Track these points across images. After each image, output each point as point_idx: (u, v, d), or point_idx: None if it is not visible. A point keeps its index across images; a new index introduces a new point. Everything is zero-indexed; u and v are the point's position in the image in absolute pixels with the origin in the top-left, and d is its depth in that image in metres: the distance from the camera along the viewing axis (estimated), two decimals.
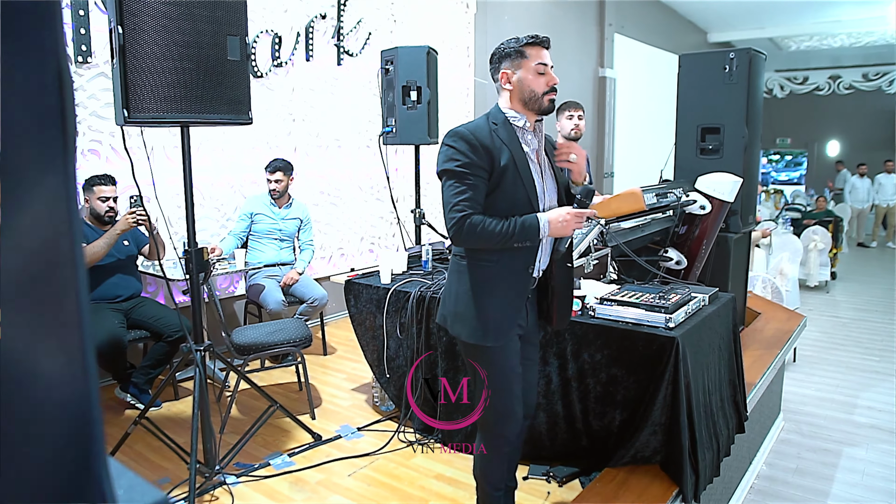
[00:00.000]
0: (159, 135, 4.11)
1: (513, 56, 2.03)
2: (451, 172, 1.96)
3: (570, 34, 8.41)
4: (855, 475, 3.80)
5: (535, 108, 2.04)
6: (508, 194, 1.98)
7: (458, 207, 1.93)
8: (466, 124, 2.03)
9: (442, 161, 1.99)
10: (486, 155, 1.95)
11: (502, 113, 2.05)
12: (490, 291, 2.03)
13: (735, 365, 2.96)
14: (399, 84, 3.79)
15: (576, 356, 2.62)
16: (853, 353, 6.05)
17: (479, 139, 1.96)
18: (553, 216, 1.97)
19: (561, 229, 1.98)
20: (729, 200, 3.39)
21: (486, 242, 1.96)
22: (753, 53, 3.87)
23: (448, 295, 2.15)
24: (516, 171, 1.98)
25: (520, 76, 2.02)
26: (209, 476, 2.72)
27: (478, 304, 2.03)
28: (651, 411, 2.42)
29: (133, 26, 2.31)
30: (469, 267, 2.05)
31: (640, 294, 2.64)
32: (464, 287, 2.06)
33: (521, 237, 1.95)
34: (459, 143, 1.96)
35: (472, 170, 1.94)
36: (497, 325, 2.03)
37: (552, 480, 2.73)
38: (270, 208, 4.33)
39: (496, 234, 1.93)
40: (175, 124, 2.52)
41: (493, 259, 2.02)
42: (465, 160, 1.94)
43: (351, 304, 3.41)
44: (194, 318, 2.73)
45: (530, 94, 2.02)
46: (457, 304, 2.08)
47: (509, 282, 2.04)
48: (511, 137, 2.01)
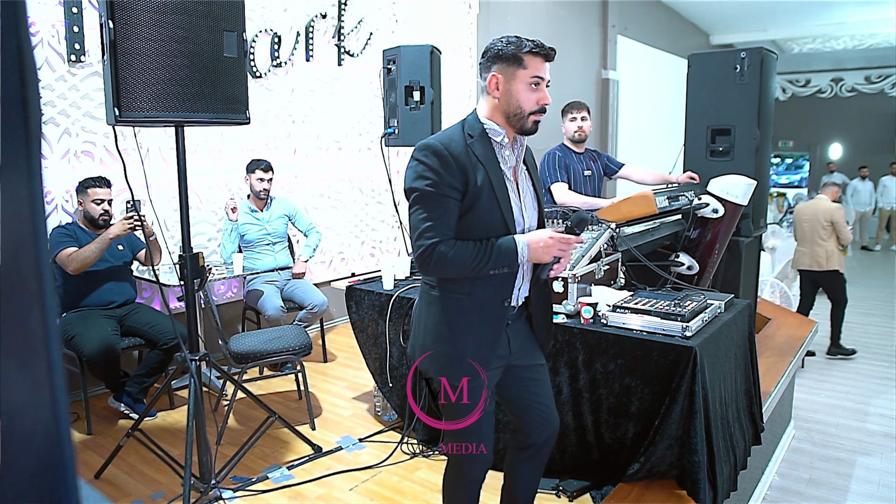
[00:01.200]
0: (155, 136, 4.01)
1: (508, 60, 1.78)
2: (419, 194, 1.74)
3: (573, 36, 8.32)
4: (870, 486, 3.70)
5: (516, 125, 1.82)
6: (483, 217, 1.77)
7: (428, 234, 1.72)
8: (439, 135, 1.80)
9: (410, 178, 1.77)
10: (460, 172, 1.73)
11: (480, 123, 1.82)
12: (462, 326, 1.83)
13: (752, 375, 2.85)
14: (402, 84, 3.68)
15: (588, 366, 2.52)
16: (862, 358, 5.94)
17: (452, 154, 1.74)
18: (533, 239, 1.77)
19: (541, 254, 1.77)
20: (743, 204, 3.29)
21: (459, 271, 1.75)
22: (765, 53, 3.78)
23: (417, 326, 1.94)
24: (492, 191, 1.76)
25: (510, 87, 1.78)
26: (205, 491, 2.61)
27: (448, 340, 1.83)
28: (667, 424, 2.31)
29: (125, 21, 2.21)
30: (440, 298, 1.85)
31: (655, 301, 2.53)
32: (433, 320, 1.86)
33: (498, 262, 1.75)
34: (430, 158, 1.73)
35: (444, 190, 1.72)
36: (469, 364, 1.84)
37: (562, 495, 2.62)
38: (252, 215, 4.18)
39: (469, 262, 1.72)
40: (169, 124, 2.41)
41: (465, 290, 1.81)
42: (435, 178, 1.72)
43: (352, 310, 3.30)
44: (189, 325, 2.62)
45: (516, 110, 1.79)
46: (425, 337, 1.88)
47: (483, 316, 1.83)
48: (487, 154, 1.79)
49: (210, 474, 2.65)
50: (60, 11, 3.50)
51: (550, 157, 3.80)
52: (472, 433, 1.93)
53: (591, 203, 3.55)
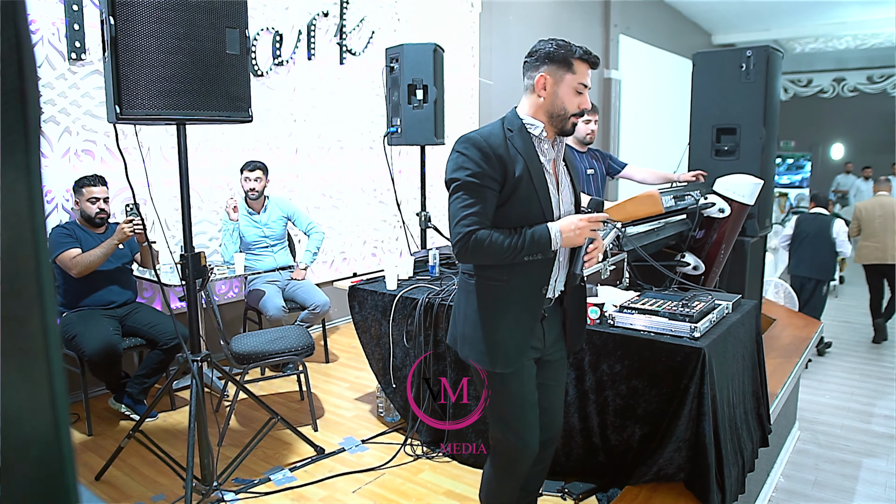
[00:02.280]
0: (156, 135, 3.98)
1: (559, 63, 1.84)
2: (459, 183, 1.81)
3: (575, 35, 8.28)
4: (877, 488, 3.67)
5: (558, 126, 1.89)
6: (521, 207, 1.83)
7: (465, 222, 1.78)
8: (479, 130, 1.87)
9: (451, 169, 1.84)
10: (499, 164, 1.80)
11: (519, 119, 1.89)
12: (500, 313, 1.88)
13: (759, 376, 2.82)
14: (404, 83, 3.65)
15: (594, 367, 2.49)
16: (866, 359, 5.92)
17: (492, 147, 1.80)
18: (565, 224, 1.82)
19: (574, 238, 1.82)
20: (749, 203, 3.25)
21: (494, 258, 1.80)
22: (771, 51, 3.75)
23: (457, 315, 1.99)
24: (531, 182, 1.83)
25: (558, 89, 1.85)
26: (206, 493, 2.58)
27: (487, 327, 1.88)
28: (675, 426, 2.28)
29: (126, 18, 2.18)
30: (478, 286, 1.90)
31: (662, 301, 2.50)
32: (472, 307, 1.91)
33: (532, 249, 1.80)
34: (471, 150, 1.80)
35: (483, 180, 1.79)
36: (508, 350, 1.88)
37: (567, 497, 2.59)
38: (250, 218, 4.14)
39: (504, 249, 1.78)
40: (170, 121, 2.38)
41: (503, 278, 1.86)
42: (476, 169, 1.78)
43: (355, 310, 3.27)
44: (191, 326, 2.59)
45: (560, 111, 1.86)
46: (465, 325, 1.93)
47: (521, 303, 1.88)
48: (527, 146, 1.86)
49: (212, 476, 2.62)
50: (61, 9, 3.47)
51: None
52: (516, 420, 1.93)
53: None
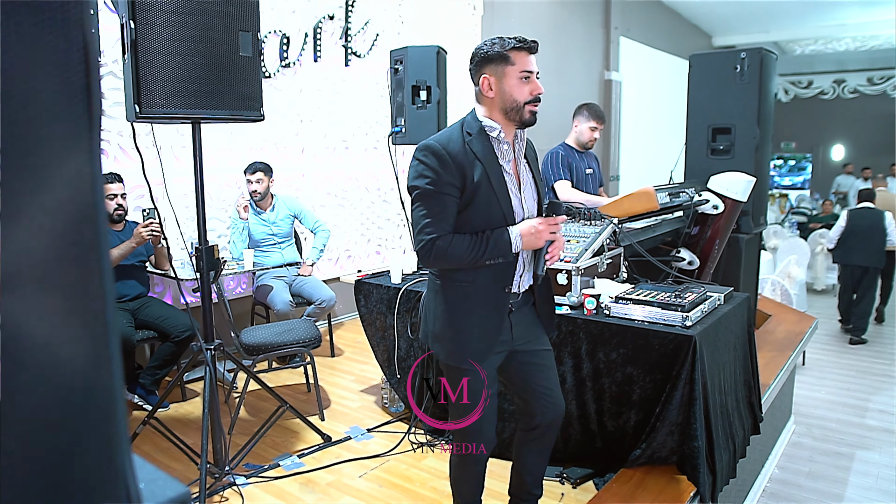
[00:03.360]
0: (167, 134, 4.09)
1: (496, 61, 1.87)
2: (420, 191, 1.86)
3: (576, 37, 8.40)
4: (869, 479, 3.76)
5: (515, 119, 1.90)
6: (482, 211, 1.88)
7: (427, 230, 1.84)
8: (438, 135, 1.92)
9: (412, 177, 1.89)
10: (458, 170, 1.84)
11: (478, 121, 1.92)
12: (467, 312, 1.94)
13: (750, 365, 2.93)
14: (408, 84, 3.76)
15: (591, 355, 2.59)
16: (863, 356, 6.01)
17: (450, 153, 1.84)
18: (524, 228, 1.88)
19: (533, 241, 1.89)
20: (742, 200, 3.36)
21: (457, 263, 1.87)
22: (765, 53, 3.85)
23: (427, 314, 2.07)
24: (490, 186, 1.87)
25: (502, 84, 1.87)
26: (219, 477, 2.69)
27: (455, 325, 1.95)
28: (668, 411, 2.39)
29: (145, 21, 2.29)
30: (444, 286, 1.97)
31: (656, 293, 2.61)
32: (440, 307, 1.98)
33: (493, 253, 1.86)
34: (430, 158, 1.85)
35: (442, 188, 1.83)
36: (476, 347, 1.96)
37: (566, 482, 2.70)
38: (258, 217, 4.27)
39: (466, 254, 1.84)
40: (186, 120, 2.50)
41: (468, 279, 1.93)
42: (434, 177, 1.83)
43: (361, 304, 3.38)
44: (204, 317, 2.70)
45: (512, 104, 1.88)
46: (435, 324, 2.01)
47: (486, 301, 1.94)
48: (486, 150, 1.89)
49: (224, 461, 2.73)
50: None
51: (554, 156, 3.87)
52: (473, 433, 2.05)
53: (594, 200, 3.63)
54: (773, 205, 12.31)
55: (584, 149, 3.92)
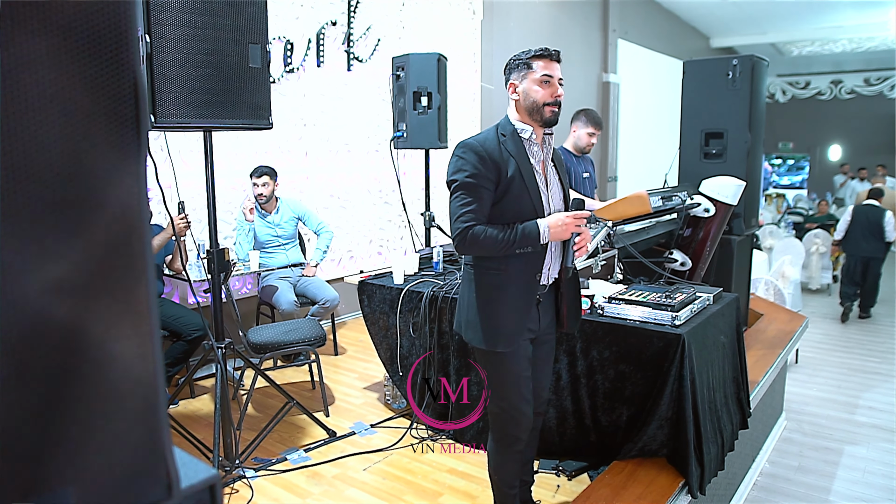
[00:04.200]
0: (174, 140, 4.21)
1: (520, 67, 2.10)
2: (459, 183, 2.04)
3: (574, 40, 8.51)
4: (856, 473, 3.88)
5: (538, 118, 2.09)
6: (514, 204, 2.06)
7: (463, 218, 2.01)
8: (477, 136, 2.11)
9: (451, 171, 2.08)
10: (494, 166, 2.03)
11: (511, 124, 2.12)
12: (499, 299, 2.11)
13: (739, 363, 3.04)
14: (410, 90, 3.88)
15: (585, 353, 2.71)
16: (855, 354, 6.12)
17: (487, 151, 2.04)
18: (552, 221, 2.06)
19: (560, 233, 2.05)
20: (732, 203, 3.48)
21: (489, 250, 2.04)
22: (756, 60, 3.97)
23: (461, 303, 2.23)
24: (522, 181, 2.06)
25: (524, 87, 2.09)
26: (230, 470, 2.81)
27: (488, 312, 2.11)
28: (658, 406, 2.51)
29: (160, 35, 2.41)
30: (478, 275, 2.13)
31: (647, 293, 2.72)
32: (474, 295, 2.14)
33: (523, 243, 2.03)
34: (469, 154, 2.04)
35: (479, 181, 2.02)
36: (507, 332, 2.11)
37: (561, 474, 2.82)
38: (263, 220, 4.38)
39: (497, 242, 2.01)
40: (199, 129, 2.61)
41: (500, 267, 2.09)
42: (473, 171, 2.02)
43: (364, 304, 3.50)
44: (215, 316, 2.82)
45: (532, 105, 2.08)
46: (468, 311, 2.17)
47: (517, 289, 2.11)
48: (518, 149, 2.09)
49: (234, 455, 2.85)
50: None
51: None
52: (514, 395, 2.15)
53: (590, 204, 3.75)
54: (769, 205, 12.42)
55: (580, 153, 4.04)
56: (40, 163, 0.59)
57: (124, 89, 0.68)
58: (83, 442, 0.64)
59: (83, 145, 0.64)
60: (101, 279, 0.65)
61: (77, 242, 0.63)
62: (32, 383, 0.59)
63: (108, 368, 0.67)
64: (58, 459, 0.62)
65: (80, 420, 0.64)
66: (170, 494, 0.70)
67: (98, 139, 0.65)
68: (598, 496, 2.37)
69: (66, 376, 0.63)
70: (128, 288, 0.69)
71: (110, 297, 0.67)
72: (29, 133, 0.58)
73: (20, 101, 0.57)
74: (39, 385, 0.60)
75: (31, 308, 0.59)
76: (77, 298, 0.63)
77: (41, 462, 0.60)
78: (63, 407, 0.63)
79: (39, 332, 0.59)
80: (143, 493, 0.69)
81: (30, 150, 0.58)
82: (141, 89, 0.69)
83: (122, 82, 0.68)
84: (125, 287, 0.69)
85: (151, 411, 0.72)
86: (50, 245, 0.60)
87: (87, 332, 0.64)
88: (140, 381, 0.71)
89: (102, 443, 0.66)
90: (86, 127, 0.64)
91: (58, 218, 0.60)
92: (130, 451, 0.70)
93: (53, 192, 0.60)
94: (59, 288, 0.61)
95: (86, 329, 0.64)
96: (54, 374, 0.61)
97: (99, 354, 0.65)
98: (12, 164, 0.57)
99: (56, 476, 0.61)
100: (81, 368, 0.64)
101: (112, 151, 0.66)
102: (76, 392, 0.63)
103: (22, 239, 0.58)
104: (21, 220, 0.58)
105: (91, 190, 0.64)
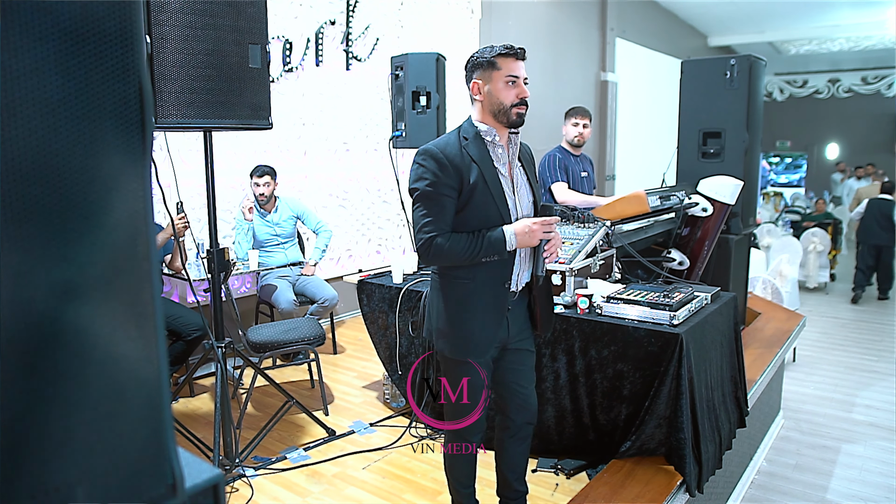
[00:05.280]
0: (173, 139, 4.21)
1: (484, 66, 2.00)
2: (419, 193, 1.97)
3: (572, 39, 8.52)
4: (853, 471, 3.89)
5: (503, 120, 2.01)
6: (479, 211, 1.98)
7: (426, 229, 1.96)
8: (437, 141, 2.04)
9: (412, 180, 2.01)
10: (455, 173, 1.95)
11: (473, 127, 2.04)
12: (468, 308, 2.05)
13: (736, 362, 3.06)
14: (409, 89, 3.88)
15: (583, 353, 2.72)
16: (852, 353, 6.14)
17: (448, 157, 1.96)
18: (518, 227, 1.99)
19: (527, 240, 1.99)
20: (730, 203, 3.49)
21: (454, 260, 1.98)
22: (754, 60, 3.98)
23: (430, 311, 2.18)
24: (486, 187, 1.98)
25: (489, 87, 1.99)
26: (230, 468, 2.82)
27: (457, 321, 2.06)
28: (656, 405, 2.52)
29: (160, 36, 2.42)
30: (446, 284, 2.08)
31: (645, 293, 2.73)
32: (443, 304, 2.08)
33: (488, 251, 1.96)
34: (429, 161, 1.97)
35: (440, 189, 1.95)
36: (477, 341, 2.06)
37: (560, 473, 2.83)
38: (262, 219, 4.39)
39: (462, 252, 1.94)
40: (199, 129, 2.62)
41: (468, 276, 2.03)
42: (432, 179, 1.95)
43: (364, 303, 3.51)
44: (215, 316, 2.83)
45: (498, 106, 1.99)
46: (438, 320, 2.11)
47: (486, 298, 2.04)
48: (481, 153, 2.00)
49: (234, 454, 2.85)
50: None
51: (550, 159, 4.00)
52: (469, 432, 2.18)
53: (590, 201, 3.76)
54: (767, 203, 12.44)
55: (575, 147, 4.05)
56: (47, 167, 0.60)
57: (130, 93, 0.69)
58: (89, 442, 0.65)
59: (89, 149, 0.64)
60: (106, 282, 0.66)
61: (83, 245, 0.63)
62: (39, 384, 0.60)
63: (113, 369, 0.67)
64: (64, 459, 0.62)
65: (86, 420, 0.64)
66: (174, 494, 0.71)
67: (104, 143, 0.66)
68: (596, 494, 2.38)
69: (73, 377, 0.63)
70: (133, 290, 0.70)
71: (116, 299, 0.67)
72: (36, 138, 0.58)
73: (27, 106, 0.57)
74: (46, 386, 0.60)
75: (37, 310, 0.59)
76: (83, 301, 0.63)
77: (47, 462, 0.61)
78: (69, 407, 0.63)
79: (46, 333, 0.60)
80: (147, 492, 0.69)
81: (37, 155, 0.59)
82: (146, 93, 0.69)
83: (128, 86, 0.69)
84: (130, 289, 0.69)
85: (156, 412, 0.72)
86: (56, 248, 0.60)
87: (92, 333, 0.65)
88: (145, 383, 0.71)
89: (108, 443, 0.66)
90: (92, 131, 0.64)
91: (64, 221, 0.61)
92: (135, 451, 0.71)
93: (60, 195, 0.60)
94: (66, 290, 0.61)
95: (92, 331, 0.64)
96: (61, 375, 0.62)
97: (104, 356, 0.66)
98: (20, 169, 0.57)
99: (62, 476, 0.62)
100: (87, 369, 0.65)
101: (118, 155, 0.67)
102: (82, 393, 0.64)
103: (29, 242, 0.58)
104: (28, 224, 0.58)
105: (97, 193, 0.64)
